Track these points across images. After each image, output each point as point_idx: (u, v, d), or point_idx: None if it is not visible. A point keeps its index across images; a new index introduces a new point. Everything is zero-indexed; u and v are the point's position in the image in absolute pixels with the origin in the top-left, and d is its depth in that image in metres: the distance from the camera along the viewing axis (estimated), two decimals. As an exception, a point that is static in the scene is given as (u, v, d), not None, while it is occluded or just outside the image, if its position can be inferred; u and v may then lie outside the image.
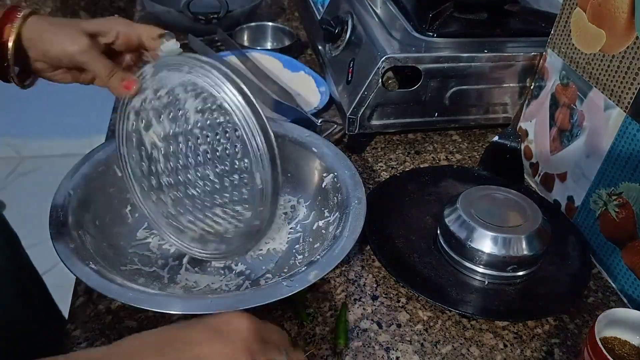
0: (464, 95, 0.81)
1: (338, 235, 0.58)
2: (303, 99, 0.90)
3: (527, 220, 0.61)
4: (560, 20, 0.72)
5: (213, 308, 0.48)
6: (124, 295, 0.50)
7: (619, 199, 0.63)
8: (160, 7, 1.04)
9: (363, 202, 0.62)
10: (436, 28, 0.80)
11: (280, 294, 0.51)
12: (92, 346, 0.54)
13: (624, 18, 0.60)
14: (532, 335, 0.59)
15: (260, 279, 0.61)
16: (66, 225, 0.57)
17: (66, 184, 0.61)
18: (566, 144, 0.72)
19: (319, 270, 0.53)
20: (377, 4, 0.88)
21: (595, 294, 0.64)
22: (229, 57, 0.96)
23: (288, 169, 0.70)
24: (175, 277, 0.60)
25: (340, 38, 0.87)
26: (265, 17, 1.21)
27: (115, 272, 0.54)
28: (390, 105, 0.79)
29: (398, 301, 0.61)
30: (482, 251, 0.60)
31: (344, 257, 0.55)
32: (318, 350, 0.55)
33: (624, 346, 0.52)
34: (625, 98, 0.61)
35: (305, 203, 0.69)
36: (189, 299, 0.52)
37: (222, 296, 0.53)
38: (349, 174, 0.66)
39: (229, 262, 0.63)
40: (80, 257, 0.53)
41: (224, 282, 0.60)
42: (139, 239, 0.64)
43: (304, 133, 0.72)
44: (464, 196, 0.63)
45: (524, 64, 0.80)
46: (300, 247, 0.65)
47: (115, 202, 0.65)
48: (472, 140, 0.88)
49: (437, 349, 0.57)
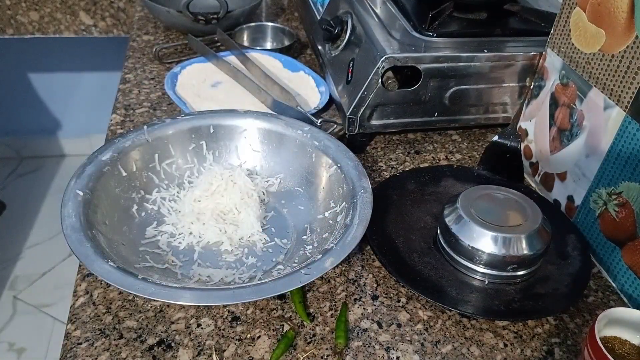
0: (463, 95, 0.81)
1: (348, 224, 0.60)
2: (303, 99, 0.90)
3: (527, 219, 0.61)
4: (560, 20, 0.72)
5: (237, 298, 0.51)
6: (159, 293, 0.51)
7: (619, 198, 0.63)
8: (160, 7, 1.04)
9: (369, 191, 0.64)
10: (436, 28, 0.80)
11: (300, 281, 0.53)
12: (92, 346, 0.54)
13: (623, 17, 0.60)
14: (532, 335, 0.59)
15: (273, 271, 0.61)
16: (79, 226, 0.57)
17: (74, 184, 0.61)
18: (566, 144, 0.72)
19: (334, 258, 0.55)
20: (376, 4, 0.88)
21: (595, 294, 0.64)
22: (229, 57, 0.96)
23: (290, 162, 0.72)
24: (189, 273, 0.61)
25: (340, 38, 0.88)
26: (265, 17, 1.21)
27: (132, 269, 0.54)
28: (390, 105, 0.79)
29: (398, 301, 0.61)
30: (482, 251, 0.60)
31: (357, 244, 0.57)
32: (318, 350, 0.55)
33: (624, 345, 0.52)
34: (625, 97, 0.61)
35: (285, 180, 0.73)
36: (210, 291, 0.52)
37: (243, 286, 0.53)
38: (352, 164, 0.67)
39: (240, 255, 0.64)
40: (99, 256, 0.54)
41: (236, 275, 0.61)
42: (148, 237, 0.64)
43: (304, 127, 0.73)
44: (464, 196, 0.63)
45: (523, 63, 0.80)
46: (308, 238, 0.65)
47: (122, 201, 0.65)
48: (472, 140, 0.88)
49: (437, 348, 0.57)
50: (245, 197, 0.68)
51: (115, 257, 0.55)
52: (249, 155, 0.74)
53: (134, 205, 0.66)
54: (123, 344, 0.54)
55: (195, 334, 0.56)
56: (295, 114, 0.79)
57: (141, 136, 0.69)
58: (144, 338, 0.55)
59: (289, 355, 0.54)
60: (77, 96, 2.07)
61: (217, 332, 0.56)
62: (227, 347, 0.55)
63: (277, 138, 0.73)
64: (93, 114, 2.09)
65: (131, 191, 0.67)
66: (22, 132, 2.14)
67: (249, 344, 0.55)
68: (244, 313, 0.58)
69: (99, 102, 2.04)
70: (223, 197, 0.67)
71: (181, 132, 0.72)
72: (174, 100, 0.83)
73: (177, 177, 0.71)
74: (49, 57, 1.94)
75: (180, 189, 0.70)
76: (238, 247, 0.65)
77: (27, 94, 2.03)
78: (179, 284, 0.54)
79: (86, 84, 2.03)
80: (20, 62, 1.94)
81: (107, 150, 0.66)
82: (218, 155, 0.74)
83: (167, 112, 0.88)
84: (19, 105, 2.06)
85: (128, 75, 0.96)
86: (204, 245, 0.65)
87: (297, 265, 0.58)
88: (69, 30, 1.55)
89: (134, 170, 0.68)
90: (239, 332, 0.56)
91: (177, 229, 0.66)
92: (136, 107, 0.88)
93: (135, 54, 1.03)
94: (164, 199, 0.68)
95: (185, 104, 0.84)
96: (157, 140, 0.70)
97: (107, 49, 1.92)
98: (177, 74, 0.90)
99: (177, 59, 1.01)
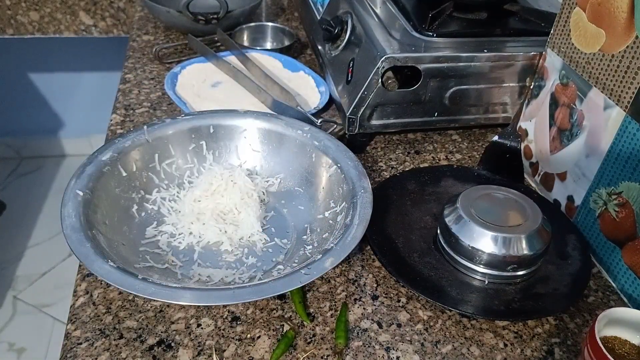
0: (463, 95, 0.81)
1: (348, 224, 0.60)
2: (303, 99, 0.90)
3: (527, 219, 0.61)
4: (560, 20, 0.72)
5: (237, 298, 0.51)
6: (159, 293, 0.51)
7: (619, 198, 0.63)
8: (160, 7, 1.04)
9: (369, 191, 0.64)
10: (436, 28, 0.80)
11: (300, 281, 0.53)
12: (92, 346, 0.54)
13: (623, 17, 0.60)
14: (532, 335, 0.59)
15: (273, 271, 0.61)
16: (79, 226, 0.57)
17: (74, 184, 0.61)
18: (566, 144, 0.72)
19: (334, 258, 0.55)
20: (376, 4, 0.88)
21: (595, 294, 0.64)
22: (229, 57, 0.96)
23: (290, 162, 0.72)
24: (189, 273, 0.61)
25: (339, 38, 0.87)
26: (265, 17, 1.21)
27: (132, 269, 0.54)
28: (390, 105, 0.79)
29: (398, 301, 0.61)
30: (482, 251, 0.60)
31: (356, 244, 0.57)
32: (318, 350, 0.55)
33: (624, 345, 0.52)
34: (625, 97, 0.61)
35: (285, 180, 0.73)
36: (210, 291, 0.52)
37: (243, 286, 0.53)
38: (352, 164, 0.67)
39: (240, 255, 0.64)
40: (99, 256, 0.54)
41: (236, 275, 0.61)
42: (148, 237, 0.64)
43: (304, 127, 0.73)
44: (464, 196, 0.63)
45: (523, 63, 0.80)
46: (308, 238, 0.65)
47: (122, 201, 0.65)
48: (472, 140, 0.88)
49: (437, 348, 0.57)
50: (245, 197, 0.68)
51: (115, 257, 0.55)
52: (249, 155, 0.75)
53: (134, 205, 0.66)
54: (123, 344, 0.54)
55: (195, 334, 0.56)
56: (295, 114, 0.79)
57: (141, 136, 0.69)
58: (144, 338, 0.55)
59: (289, 355, 0.54)
60: (77, 96, 2.07)
61: (217, 332, 0.56)
62: (227, 347, 0.55)
63: (277, 138, 0.73)
64: (93, 114, 2.09)
65: (131, 191, 0.67)
66: (22, 132, 2.14)
67: (249, 344, 0.55)
68: (244, 313, 0.58)
69: (99, 102, 2.04)
70: (223, 197, 0.67)
71: (181, 132, 0.72)
72: (174, 100, 0.83)
73: (177, 177, 0.71)
74: (49, 57, 1.94)
75: (180, 189, 0.71)
76: (238, 247, 0.65)
77: (27, 94, 2.03)
78: (179, 284, 0.54)
79: (86, 84, 2.03)
80: (20, 62, 1.94)
81: (107, 150, 0.66)
82: (218, 155, 0.74)
83: (167, 112, 0.88)
84: (19, 105, 2.06)
85: (128, 75, 0.97)
86: (204, 245, 0.65)
87: (297, 265, 0.58)
88: (69, 30, 1.55)
89: (134, 170, 0.68)
90: (239, 332, 0.56)
91: (177, 229, 0.66)
92: (136, 107, 0.88)
93: (135, 54, 1.03)
94: (164, 199, 0.68)
95: (185, 104, 0.84)
96: (157, 140, 0.70)
97: (107, 49, 1.92)
98: (177, 74, 0.91)
99: (177, 59, 1.01)
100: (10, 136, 2.15)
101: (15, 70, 1.96)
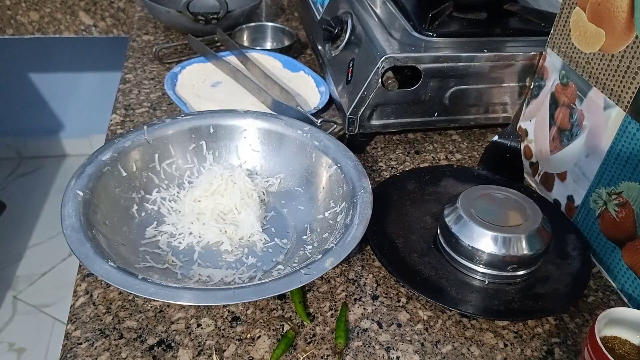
0: (463, 95, 0.81)
1: (348, 224, 0.60)
2: (303, 99, 0.90)
3: (527, 219, 0.61)
4: (560, 20, 0.72)
5: (237, 298, 0.51)
6: (159, 293, 0.51)
7: (619, 198, 0.63)
8: (160, 7, 1.04)
9: (369, 191, 0.64)
10: (436, 28, 0.80)
11: (300, 281, 0.53)
12: (92, 346, 0.54)
13: (623, 17, 0.60)
14: (532, 335, 0.59)
15: (273, 271, 0.61)
16: (79, 226, 0.57)
17: (74, 185, 0.61)
18: (566, 144, 0.72)
19: (334, 258, 0.55)
20: (376, 4, 0.88)
21: (595, 294, 0.64)
22: (229, 57, 0.96)
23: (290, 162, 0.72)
24: (189, 273, 0.61)
25: (339, 38, 0.87)
26: (265, 17, 1.21)
27: (132, 269, 0.54)
28: (390, 105, 0.79)
29: (398, 301, 0.61)
30: (482, 251, 0.60)
31: (356, 244, 0.57)
32: (318, 350, 0.55)
33: (624, 345, 0.52)
34: (625, 97, 0.61)
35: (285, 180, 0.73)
36: (210, 291, 0.52)
37: (243, 286, 0.53)
38: (352, 164, 0.67)
39: (240, 255, 0.64)
40: (99, 256, 0.54)
41: (236, 275, 0.61)
42: (148, 237, 0.64)
43: (304, 127, 0.73)
44: (463, 196, 0.63)
45: (523, 63, 0.80)
46: (308, 238, 0.65)
47: (122, 201, 0.65)
48: (472, 140, 0.88)
49: (437, 348, 0.57)
50: (245, 197, 0.68)
51: (115, 257, 0.55)
52: (249, 155, 0.75)
53: (134, 205, 0.66)
54: (123, 344, 0.54)
55: (195, 334, 0.56)
56: (295, 114, 0.79)
57: (141, 136, 0.69)
58: (144, 338, 0.55)
59: (289, 355, 0.54)
60: (77, 96, 2.07)
61: (217, 332, 0.56)
62: (227, 347, 0.55)
63: (277, 138, 0.74)
64: (93, 114, 2.09)
65: (131, 191, 0.67)
66: (22, 132, 2.14)
67: (249, 344, 0.55)
68: (244, 313, 0.58)
69: (99, 102, 2.04)
70: (223, 197, 0.67)
71: (181, 132, 0.72)
72: (174, 100, 0.83)
73: (177, 177, 0.71)
74: (49, 57, 1.94)
75: (180, 189, 0.71)
76: (238, 247, 0.65)
77: (27, 94, 2.03)
78: (179, 284, 0.54)
79: (86, 84, 2.03)
80: (20, 62, 1.94)
81: (107, 150, 0.66)
82: (218, 155, 0.74)
83: (167, 112, 0.88)
84: (19, 105, 2.06)
85: (128, 75, 0.97)
86: (204, 245, 0.65)
87: (297, 265, 0.58)
88: (69, 30, 1.55)
89: (134, 170, 0.68)
90: (239, 332, 0.56)
91: (177, 229, 0.66)
92: (136, 107, 0.88)
93: (135, 54, 1.03)
94: (164, 199, 0.68)
95: (185, 104, 0.84)
96: (157, 140, 0.70)
97: (107, 49, 1.92)
98: (177, 74, 0.91)
99: (177, 59, 1.01)
100: (10, 136, 2.15)
101: (15, 70, 1.96)
